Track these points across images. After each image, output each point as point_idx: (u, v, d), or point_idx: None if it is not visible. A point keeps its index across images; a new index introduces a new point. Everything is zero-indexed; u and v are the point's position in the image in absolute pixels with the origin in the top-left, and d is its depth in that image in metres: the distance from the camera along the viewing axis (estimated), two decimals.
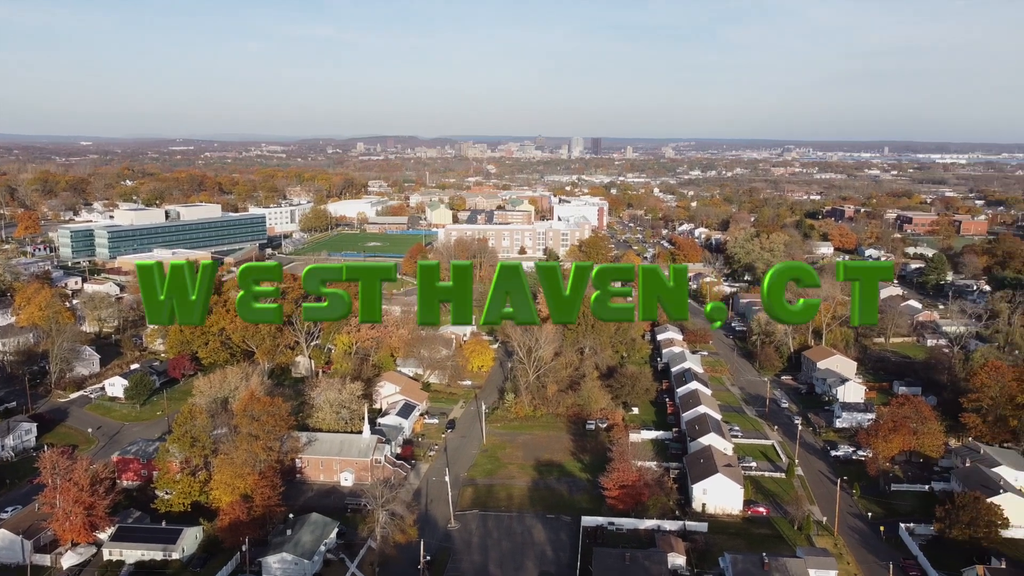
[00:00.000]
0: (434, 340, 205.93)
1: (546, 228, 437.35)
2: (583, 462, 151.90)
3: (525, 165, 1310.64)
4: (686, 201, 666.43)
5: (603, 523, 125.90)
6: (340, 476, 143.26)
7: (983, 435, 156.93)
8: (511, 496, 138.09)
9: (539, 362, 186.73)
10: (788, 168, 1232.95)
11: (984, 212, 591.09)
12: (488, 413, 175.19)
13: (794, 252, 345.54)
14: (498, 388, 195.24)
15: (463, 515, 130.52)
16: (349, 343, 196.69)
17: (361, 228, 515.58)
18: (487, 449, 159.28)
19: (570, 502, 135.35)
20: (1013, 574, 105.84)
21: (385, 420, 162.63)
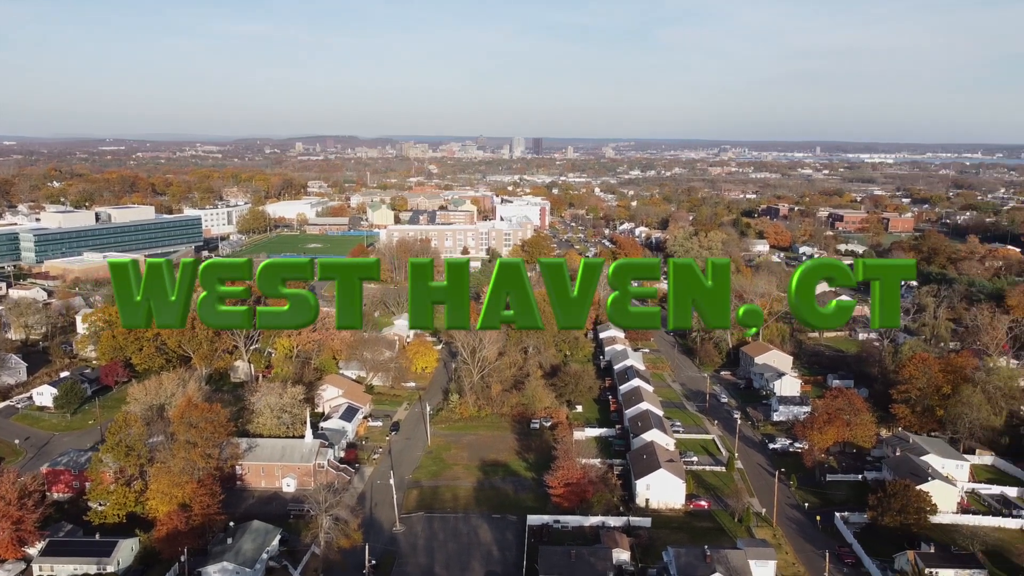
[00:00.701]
0: (377, 342, 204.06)
1: (489, 228, 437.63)
2: (528, 461, 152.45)
3: (467, 165, 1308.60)
4: (626, 200, 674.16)
5: (549, 521, 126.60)
6: (282, 482, 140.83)
7: (912, 425, 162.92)
8: (456, 497, 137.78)
9: (483, 362, 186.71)
10: (725, 168, 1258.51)
11: (910, 210, 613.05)
12: (433, 414, 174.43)
13: (731, 250, 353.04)
14: (442, 389, 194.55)
15: (408, 518, 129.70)
16: (290, 347, 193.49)
17: (301, 229, 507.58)
18: (432, 451, 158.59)
19: (516, 501, 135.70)
20: (941, 558, 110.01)
21: (328, 424, 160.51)
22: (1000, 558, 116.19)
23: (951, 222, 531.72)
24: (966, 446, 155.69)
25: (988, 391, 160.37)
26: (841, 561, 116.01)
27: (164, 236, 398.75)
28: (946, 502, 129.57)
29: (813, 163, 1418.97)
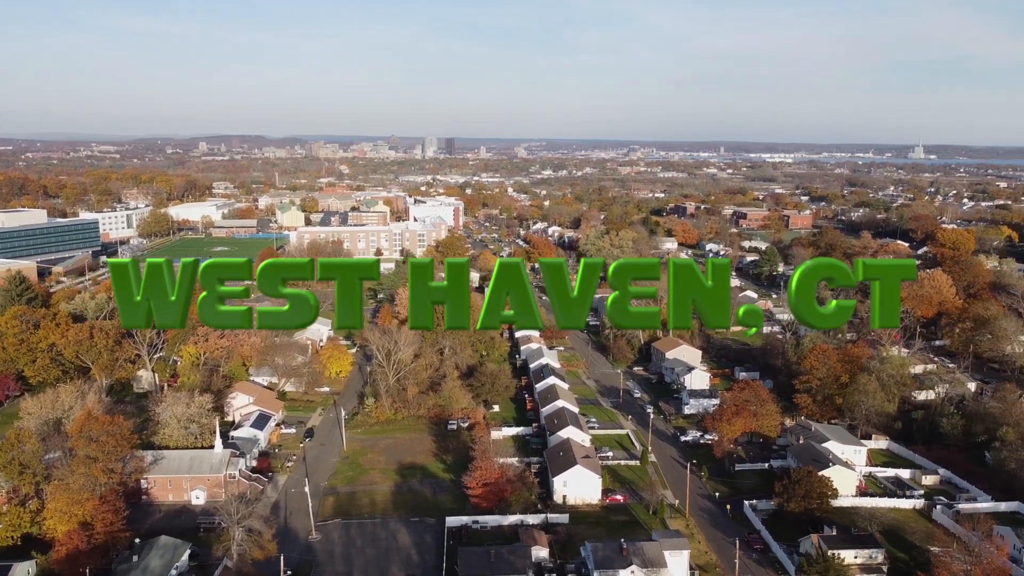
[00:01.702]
0: (289, 347, 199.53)
1: (402, 229, 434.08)
2: (446, 462, 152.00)
3: (379, 165, 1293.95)
4: (539, 200, 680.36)
5: (467, 522, 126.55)
6: (191, 494, 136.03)
7: (814, 413, 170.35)
8: (374, 502, 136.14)
9: (399, 365, 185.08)
10: (634, 167, 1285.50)
11: (809, 207, 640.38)
12: (348, 419, 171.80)
13: (641, 248, 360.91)
14: (358, 393, 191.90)
15: (325, 525, 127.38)
16: (196, 354, 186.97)
17: (206, 232, 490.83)
18: (348, 456, 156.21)
19: (434, 503, 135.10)
20: (842, 539, 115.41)
21: (239, 433, 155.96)
22: (896, 536, 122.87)
23: (846, 219, 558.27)
24: (863, 432, 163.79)
25: (882, 379, 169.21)
26: (750, 547, 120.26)
27: (58, 241, 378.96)
28: (846, 486, 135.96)
29: (718, 163, 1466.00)
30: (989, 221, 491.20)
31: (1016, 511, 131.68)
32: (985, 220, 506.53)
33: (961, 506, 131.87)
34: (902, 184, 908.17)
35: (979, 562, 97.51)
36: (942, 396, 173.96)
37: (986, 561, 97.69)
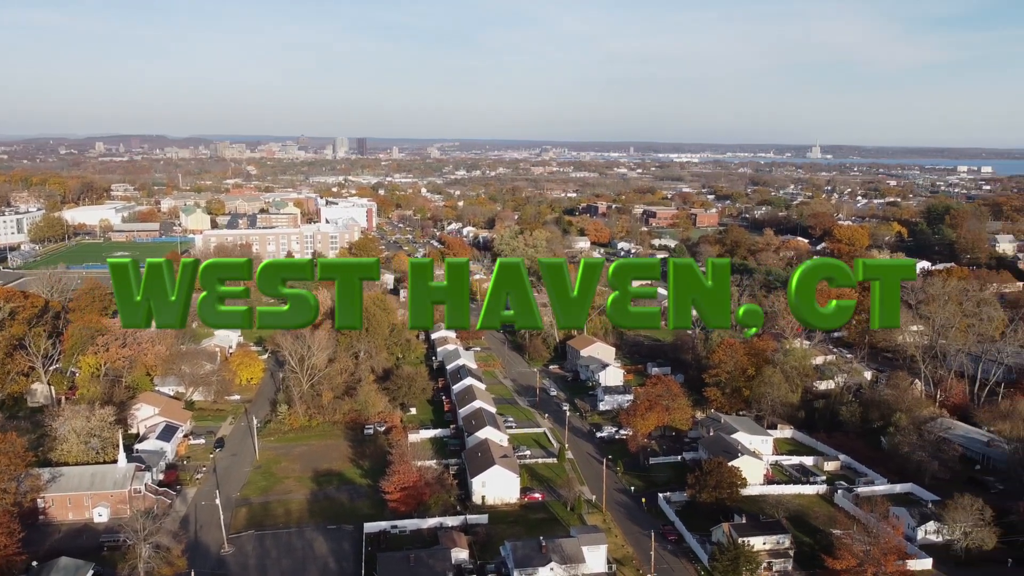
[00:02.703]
0: (196, 355, 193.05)
1: (314, 231, 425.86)
2: (363, 468, 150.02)
3: (288, 166, 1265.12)
4: (453, 200, 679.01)
5: (386, 527, 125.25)
6: (93, 512, 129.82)
7: (723, 406, 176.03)
8: (289, 511, 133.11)
9: (313, 370, 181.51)
10: (546, 167, 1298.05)
11: (715, 206, 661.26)
12: (260, 427, 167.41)
13: (555, 247, 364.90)
14: (270, 400, 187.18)
15: (238, 537, 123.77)
16: (96, 364, 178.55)
17: (105, 237, 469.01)
18: (261, 465, 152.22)
19: (352, 510, 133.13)
20: (752, 527, 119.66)
21: (144, 445, 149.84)
22: (801, 521, 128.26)
23: (750, 217, 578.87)
24: (769, 422, 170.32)
25: (786, 371, 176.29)
26: (665, 539, 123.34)
27: None
28: (754, 475, 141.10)
29: (628, 163, 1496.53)
30: (881, 218, 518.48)
31: (910, 492, 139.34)
32: (877, 217, 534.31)
33: (860, 490, 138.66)
34: (801, 183, 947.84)
35: (877, 542, 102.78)
36: (841, 386, 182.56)
37: (883, 541, 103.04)
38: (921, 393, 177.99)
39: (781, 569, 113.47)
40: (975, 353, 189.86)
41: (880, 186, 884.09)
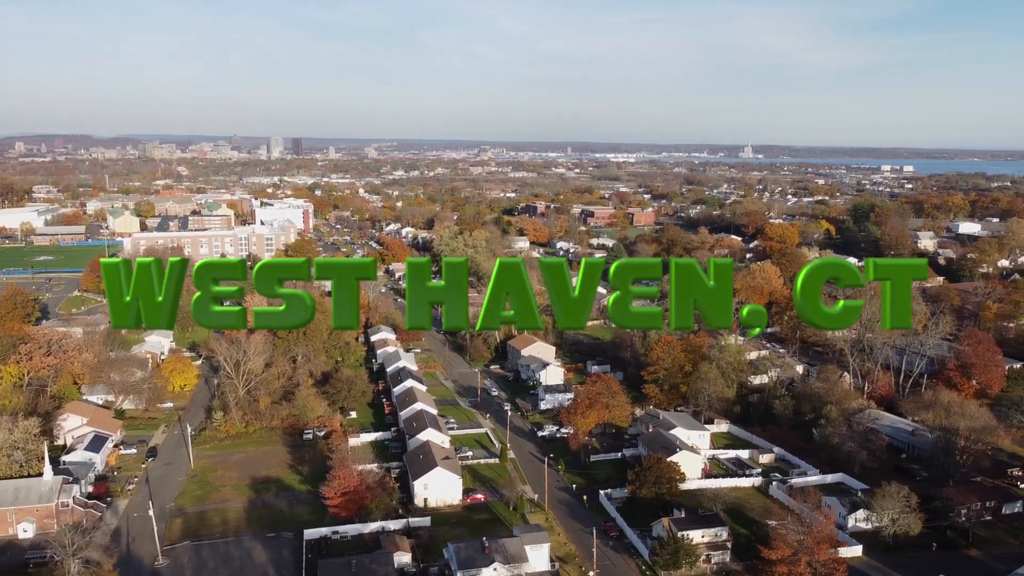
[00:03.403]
0: (126, 362, 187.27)
1: (248, 233, 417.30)
2: (302, 474, 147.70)
3: (221, 166, 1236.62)
4: (392, 201, 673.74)
5: (327, 533, 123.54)
6: (17, 528, 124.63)
7: (661, 402, 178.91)
8: (226, 520, 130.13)
9: (249, 375, 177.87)
10: (485, 167, 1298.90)
11: (651, 205, 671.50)
12: (195, 435, 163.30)
13: (495, 247, 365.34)
14: (205, 407, 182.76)
15: (172, 549, 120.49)
16: (18, 374, 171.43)
17: (27, 241, 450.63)
18: (196, 474, 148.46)
19: (291, 517, 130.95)
20: (691, 520, 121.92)
21: (71, 457, 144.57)
22: (738, 514, 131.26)
23: (685, 216, 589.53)
24: (706, 417, 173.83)
25: (721, 366, 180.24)
26: (607, 535, 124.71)
27: None
28: (692, 470, 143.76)
29: (566, 162, 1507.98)
30: (810, 216, 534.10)
31: (840, 482, 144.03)
32: (806, 215, 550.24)
33: (793, 481, 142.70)
34: (734, 182, 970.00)
35: (810, 531, 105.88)
36: (774, 380, 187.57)
37: (816, 530, 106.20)
38: (850, 385, 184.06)
39: (719, 561, 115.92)
40: (900, 346, 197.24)
41: (809, 185, 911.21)
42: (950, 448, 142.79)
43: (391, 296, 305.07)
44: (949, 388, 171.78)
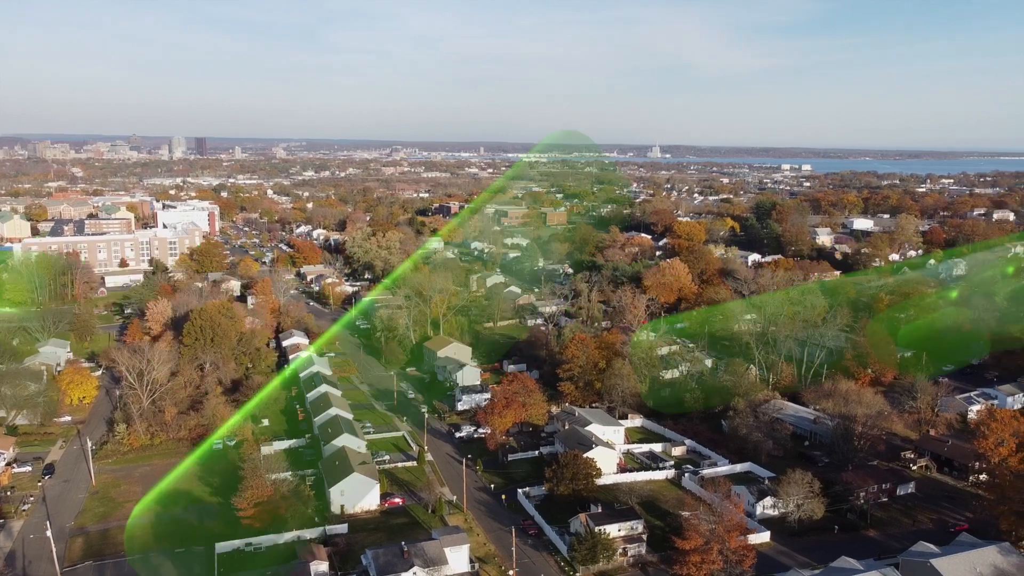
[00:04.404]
0: (18, 375, 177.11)
1: (150, 236, 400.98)
2: (213, 485, 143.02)
3: (120, 167, 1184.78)
4: (302, 202, 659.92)
5: (240, 545, 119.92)
6: None
7: (577, 399, 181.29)
8: (132, 537, 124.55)
9: (154, 385, 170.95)
10: (398, 168, 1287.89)
11: (564, 204, 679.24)
12: (95, 450, 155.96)
13: (409, 248, 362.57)
14: (106, 420, 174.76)
15: (73, 570, 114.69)
16: None
17: None
18: (98, 490, 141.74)
19: (201, 531, 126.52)
20: (607, 515, 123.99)
21: None
22: (653, 506, 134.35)
23: (596, 214, 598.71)
24: (621, 412, 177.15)
25: (634, 362, 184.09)
26: (526, 533, 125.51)
27: None
28: (608, 465, 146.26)
29: (479, 162, 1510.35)
30: (716, 214, 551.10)
31: (749, 470, 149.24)
32: (712, 213, 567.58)
33: (705, 472, 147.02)
34: (643, 181, 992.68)
35: (721, 520, 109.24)
36: (685, 374, 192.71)
37: (727, 519, 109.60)
38: (756, 378, 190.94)
39: (636, 554, 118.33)
40: (801, 338, 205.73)
41: (714, 183, 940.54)
42: (848, 434, 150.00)
43: (303, 299, 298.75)
44: (847, 377, 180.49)
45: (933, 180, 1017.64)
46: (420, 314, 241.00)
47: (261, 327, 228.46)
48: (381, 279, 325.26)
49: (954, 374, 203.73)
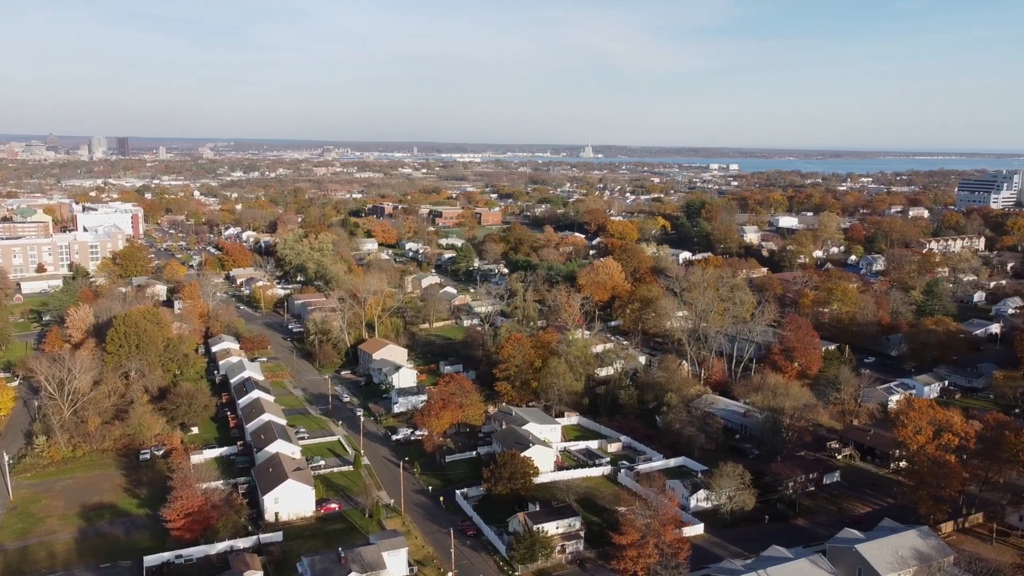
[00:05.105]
0: None
1: (70, 240, 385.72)
2: (140, 497, 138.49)
3: (36, 168, 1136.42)
4: (231, 204, 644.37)
5: (169, 558, 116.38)
6: None
7: (513, 399, 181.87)
8: (53, 554, 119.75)
9: (75, 394, 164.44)
10: (330, 168, 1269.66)
11: (498, 204, 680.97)
12: (13, 463, 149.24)
13: (342, 250, 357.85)
14: (24, 432, 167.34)
15: None
16: None
17: None
18: (16, 506, 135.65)
19: (129, 544, 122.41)
20: (545, 513, 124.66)
21: None
22: (590, 503, 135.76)
23: (531, 214, 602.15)
24: (557, 411, 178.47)
25: (570, 361, 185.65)
26: (464, 534, 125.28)
27: None
28: (545, 463, 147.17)
29: (412, 162, 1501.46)
30: (647, 213, 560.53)
31: (683, 465, 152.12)
32: (644, 212, 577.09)
33: (640, 467, 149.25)
34: (576, 181, 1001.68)
35: (656, 514, 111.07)
36: (619, 371, 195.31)
37: (662, 513, 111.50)
38: (688, 373, 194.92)
39: (574, 551, 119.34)
40: (731, 334, 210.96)
41: (645, 183, 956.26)
42: (777, 427, 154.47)
43: (233, 303, 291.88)
44: (775, 371, 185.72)
45: (853, 179, 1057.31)
46: (354, 316, 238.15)
47: (189, 332, 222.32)
48: (314, 281, 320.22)
49: (875, 365, 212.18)
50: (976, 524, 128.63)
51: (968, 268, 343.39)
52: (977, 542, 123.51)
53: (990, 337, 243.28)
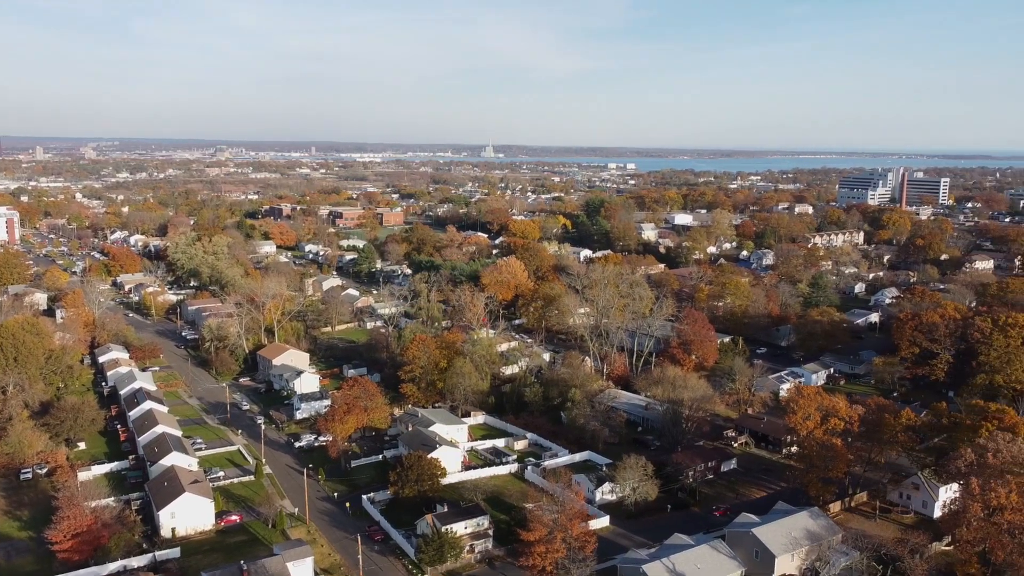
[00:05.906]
0: None
1: None
2: (22, 519, 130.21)
3: None
4: (116, 206, 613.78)
5: None
6: None
7: (419, 400, 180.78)
8: None
9: None
10: (223, 168, 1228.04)
11: (400, 204, 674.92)
12: None
13: (238, 253, 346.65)
14: None
15: None
16: None
17: None
18: None
19: (10, 571, 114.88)
20: (453, 514, 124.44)
21: None
22: (498, 501, 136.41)
23: (433, 214, 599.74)
24: (463, 411, 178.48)
25: (475, 360, 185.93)
26: (372, 539, 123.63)
27: None
28: (452, 464, 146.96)
29: (310, 163, 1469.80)
30: (549, 212, 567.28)
31: (588, 459, 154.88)
32: (545, 211, 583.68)
33: (546, 463, 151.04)
34: (478, 180, 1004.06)
35: (563, 509, 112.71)
36: (524, 369, 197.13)
37: (568, 507, 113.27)
38: (591, 369, 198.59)
39: (483, 550, 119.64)
40: (631, 329, 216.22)
41: (546, 182, 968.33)
42: (677, 418, 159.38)
43: (121, 311, 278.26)
44: (673, 364, 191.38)
45: (743, 177, 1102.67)
46: (252, 321, 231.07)
47: (73, 343, 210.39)
48: (209, 286, 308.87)
49: (766, 356, 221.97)
50: (861, 503, 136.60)
51: (849, 261, 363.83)
52: (862, 520, 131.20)
53: (870, 326, 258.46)
